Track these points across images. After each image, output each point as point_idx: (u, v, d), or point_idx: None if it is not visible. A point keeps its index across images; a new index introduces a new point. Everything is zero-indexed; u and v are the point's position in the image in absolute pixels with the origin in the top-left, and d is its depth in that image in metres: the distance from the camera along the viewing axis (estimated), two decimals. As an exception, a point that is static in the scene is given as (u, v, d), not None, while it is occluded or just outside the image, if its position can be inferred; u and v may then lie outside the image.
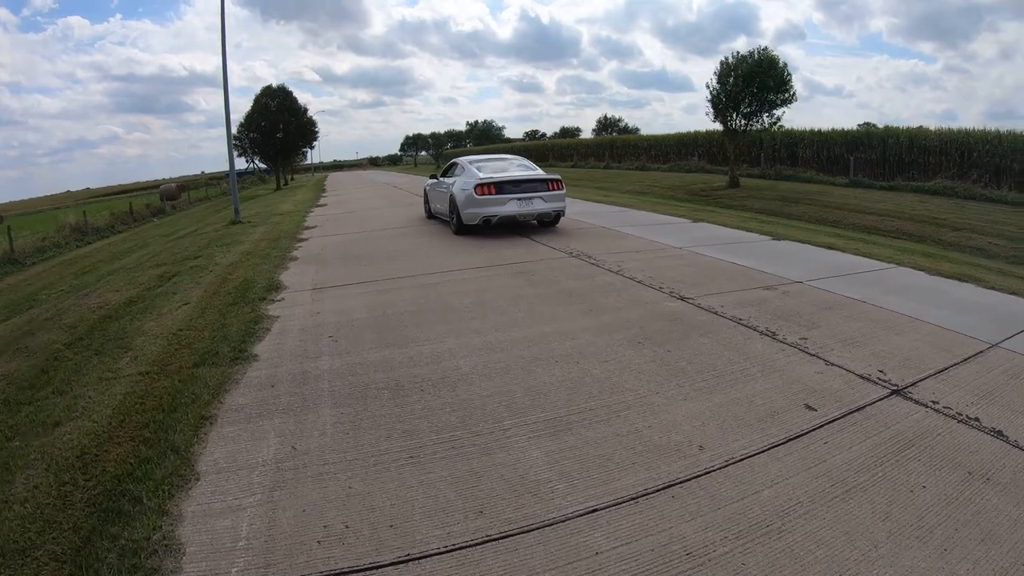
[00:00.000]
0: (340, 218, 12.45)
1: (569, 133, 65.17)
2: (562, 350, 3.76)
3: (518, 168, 9.32)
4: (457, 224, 8.72)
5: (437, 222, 10.29)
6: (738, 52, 17.19)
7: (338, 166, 73.45)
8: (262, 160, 37.44)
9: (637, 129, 56.16)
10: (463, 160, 9.65)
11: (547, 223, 9.09)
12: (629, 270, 5.96)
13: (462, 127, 76.16)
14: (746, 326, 4.24)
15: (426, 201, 11.09)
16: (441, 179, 9.95)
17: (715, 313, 4.54)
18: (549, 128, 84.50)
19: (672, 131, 34.41)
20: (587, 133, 62.42)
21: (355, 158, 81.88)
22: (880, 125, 24.10)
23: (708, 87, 17.73)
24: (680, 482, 2.36)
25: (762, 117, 17.42)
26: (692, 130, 29.83)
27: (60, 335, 4.95)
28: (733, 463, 2.49)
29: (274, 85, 36.43)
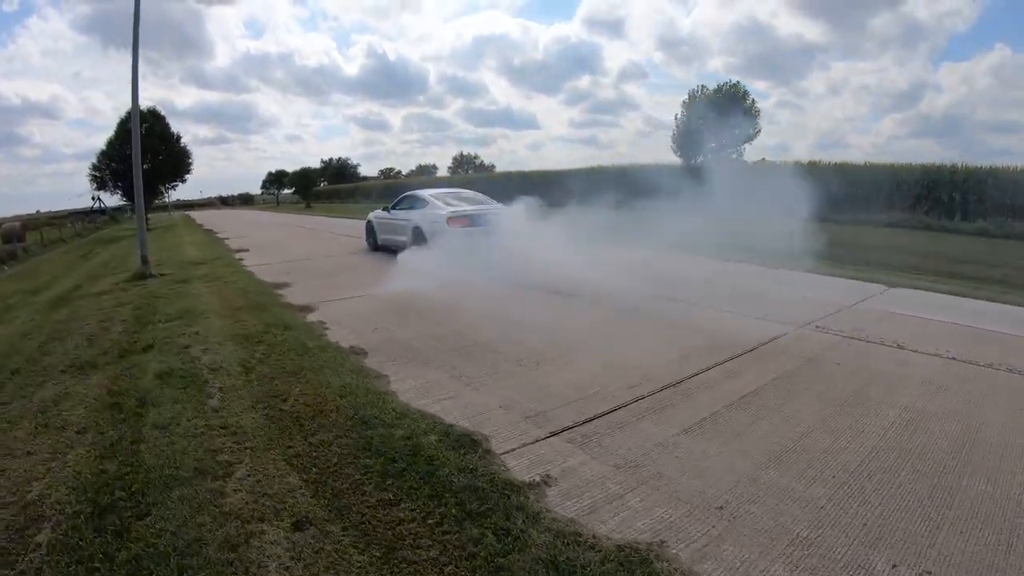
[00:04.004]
0: (299, 269, 9.31)
1: (426, 171, 67.40)
2: None
3: (481, 202, 9.46)
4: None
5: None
6: (703, 86, 17.04)
7: (188, 205, 63.73)
8: (125, 195, 30.78)
9: (493, 166, 57.76)
10: (423, 193, 9.76)
11: None
12: (911, 343, 4.19)
13: (310, 165, 71.54)
14: None
15: (370, 233, 11.23)
16: (394, 211, 10.09)
17: None
18: (403, 166, 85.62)
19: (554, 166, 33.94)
20: (443, 171, 64.78)
21: (200, 197, 72.07)
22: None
23: (676, 118, 17.38)
24: None
25: (726, 151, 17.37)
26: (598, 164, 30.08)
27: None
28: None
29: (145, 108, 30.42)
